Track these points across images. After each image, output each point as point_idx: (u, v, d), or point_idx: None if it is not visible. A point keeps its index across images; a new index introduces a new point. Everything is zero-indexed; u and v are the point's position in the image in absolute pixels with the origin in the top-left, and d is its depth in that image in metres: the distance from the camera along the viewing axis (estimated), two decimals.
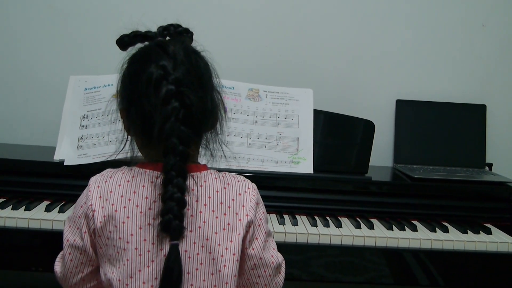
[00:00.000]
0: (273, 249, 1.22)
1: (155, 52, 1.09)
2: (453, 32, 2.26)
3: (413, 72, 2.27)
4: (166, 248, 1.07)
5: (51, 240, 1.49)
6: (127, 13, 2.17)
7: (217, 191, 1.12)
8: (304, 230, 1.59)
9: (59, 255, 1.22)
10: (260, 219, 1.17)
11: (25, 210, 1.59)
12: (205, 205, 1.10)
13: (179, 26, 1.16)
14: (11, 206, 1.61)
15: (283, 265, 1.25)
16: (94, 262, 1.16)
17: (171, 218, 1.03)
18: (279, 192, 1.76)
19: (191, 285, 1.08)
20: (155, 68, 1.06)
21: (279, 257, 1.22)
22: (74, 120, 1.77)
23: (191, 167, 1.12)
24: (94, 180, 1.14)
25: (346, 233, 1.59)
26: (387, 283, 1.61)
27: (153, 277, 1.07)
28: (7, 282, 2.26)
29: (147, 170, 1.11)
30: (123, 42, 1.15)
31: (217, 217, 1.10)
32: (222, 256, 1.10)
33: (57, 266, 1.22)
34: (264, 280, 1.19)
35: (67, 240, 1.15)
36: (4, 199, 1.67)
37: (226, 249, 1.10)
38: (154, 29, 1.16)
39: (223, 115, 1.19)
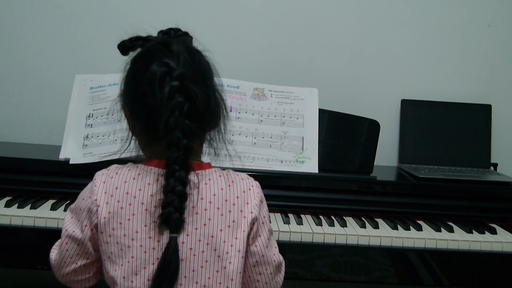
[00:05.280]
0: (275, 247, 1.22)
1: (158, 50, 1.10)
2: (458, 31, 2.26)
3: (418, 71, 2.27)
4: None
5: (57, 239, 1.50)
6: (131, 13, 2.19)
7: (222, 189, 1.12)
8: (309, 230, 1.59)
9: (57, 243, 1.22)
10: (264, 216, 1.18)
11: (30, 208, 1.60)
12: (210, 202, 1.10)
13: (179, 30, 1.18)
14: (17, 204, 1.61)
15: (283, 265, 1.26)
16: (90, 255, 1.16)
17: (172, 211, 1.04)
18: (284, 191, 1.76)
19: (196, 282, 1.09)
20: (158, 65, 1.07)
21: (280, 257, 1.23)
22: (80, 119, 1.77)
23: (196, 165, 1.12)
24: (100, 175, 1.14)
25: (351, 233, 1.59)
26: (392, 283, 1.61)
27: None
28: (12, 281, 2.27)
29: (152, 167, 1.12)
30: (125, 46, 1.17)
31: (222, 215, 1.11)
32: (227, 253, 1.10)
33: (53, 254, 1.22)
34: (265, 278, 1.20)
35: (66, 230, 1.16)
36: (10, 198, 1.67)
37: (231, 246, 1.11)
38: (154, 33, 1.17)
39: (226, 114, 1.20)
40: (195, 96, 1.07)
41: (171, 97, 1.05)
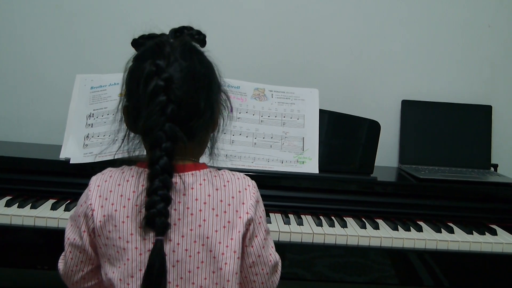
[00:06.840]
0: (272, 247, 1.21)
1: (152, 50, 1.09)
2: (459, 32, 2.26)
3: (419, 72, 2.27)
4: (167, 247, 1.07)
5: (57, 238, 1.49)
6: (132, 13, 2.19)
7: (217, 189, 1.12)
8: (310, 230, 1.59)
9: (63, 254, 1.23)
10: (260, 217, 1.17)
11: (31, 208, 1.60)
12: (204, 203, 1.10)
13: (191, 28, 1.16)
14: (17, 204, 1.61)
15: (280, 264, 1.26)
16: (94, 261, 1.17)
17: (155, 213, 1.03)
18: (284, 191, 1.76)
19: (193, 283, 1.08)
20: (148, 65, 1.06)
21: (277, 256, 1.22)
22: (80, 119, 1.77)
23: (190, 165, 1.12)
24: (95, 180, 1.14)
25: (351, 233, 1.59)
26: (392, 284, 1.61)
27: None
28: (12, 281, 2.27)
29: (145, 169, 1.10)
30: (137, 43, 1.16)
31: (217, 215, 1.10)
32: (223, 254, 1.10)
33: (60, 264, 1.23)
34: (261, 278, 1.19)
35: (68, 239, 1.16)
36: (11, 197, 1.67)
37: (227, 246, 1.10)
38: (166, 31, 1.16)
39: (226, 115, 1.19)
40: (176, 99, 1.04)
41: (154, 95, 1.03)
